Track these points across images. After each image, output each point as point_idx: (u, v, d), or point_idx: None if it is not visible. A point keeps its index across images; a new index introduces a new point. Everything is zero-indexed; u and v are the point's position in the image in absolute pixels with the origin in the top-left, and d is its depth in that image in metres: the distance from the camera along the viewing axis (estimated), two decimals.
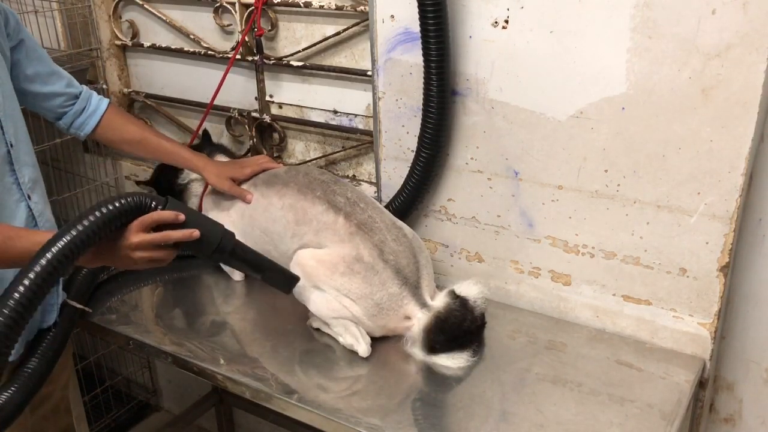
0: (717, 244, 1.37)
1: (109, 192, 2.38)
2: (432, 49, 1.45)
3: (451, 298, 1.43)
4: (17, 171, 1.38)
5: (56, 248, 1.10)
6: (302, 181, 1.57)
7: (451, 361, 1.40)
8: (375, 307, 1.42)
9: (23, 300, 1.06)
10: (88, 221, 1.14)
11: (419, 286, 1.45)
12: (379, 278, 1.42)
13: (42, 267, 1.08)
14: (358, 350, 1.43)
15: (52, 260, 1.09)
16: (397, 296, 1.42)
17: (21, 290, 1.06)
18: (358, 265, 1.43)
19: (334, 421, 1.28)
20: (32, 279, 1.07)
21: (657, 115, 1.34)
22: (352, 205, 1.50)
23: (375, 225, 1.48)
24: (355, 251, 1.44)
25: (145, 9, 2.13)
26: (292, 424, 2.15)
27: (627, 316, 1.52)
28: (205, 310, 1.70)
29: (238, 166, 1.71)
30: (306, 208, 1.52)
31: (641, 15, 1.30)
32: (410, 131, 1.64)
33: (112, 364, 2.76)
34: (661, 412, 1.29)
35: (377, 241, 1.45)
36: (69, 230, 1.12)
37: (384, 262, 1.43)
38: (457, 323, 1.40)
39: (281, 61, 1.89)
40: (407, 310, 1.43)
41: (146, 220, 1.21)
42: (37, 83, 1.50)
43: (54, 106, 1.57)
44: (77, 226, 1.13)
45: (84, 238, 1.13)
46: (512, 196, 1.57)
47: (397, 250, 1.46)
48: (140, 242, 1.21)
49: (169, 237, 1.22)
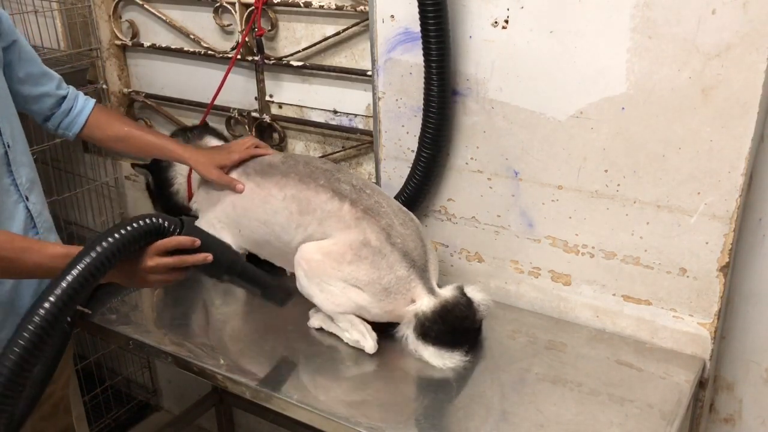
0: (717, 244, 1.37)
1: (109, 192, 2.38)
2: (432, 49, 1.45)
3: (460, 293, 1.42)
4: (14, 172, 1.38)
5: (77, 270, 1.13)
6: (303, 171, 1.55)
7: (439, 359, 1.39)
8: (383, 292, 1.41)
9: (44, 323, 1.09)
10: (108, 243, 1.16)
11: (427, 269, 1.44)
12: (387, 261, 1.40)
13: (63, 289, 1.12)
14: (365, 346, 1.43)
15: (73, 283, 1.13)
16: (405, 279, 1.41)
17: (42, 313, 1.10)
18: (366, 250, 1.41)
19: (334, 421, 1.28)
20: (53, 301, 1.10)
21: (657, 115, 1.34)
22: (357, 191, 1.48)
23: (382, 209, 1.46)
24: (362, 236, 1.42)
25: (145, 9, 2.13)
26: (292, 424, 2.15)
27: (627, 316, 1.52)
28: (205, 310, 1.70)
29: (225, 152, 1.66)
30: (309, 197, 1.50)
31: (641, 15, 1.30)
32: (410, 131, 1.64)
33: (112, 364, 2.76)
34: (661, 412, 1.29)
35: (384, 224, 1.43)
36: (88, 252, 1.15)
37: (392, 245, 1.42)
38: (461, 317, 1.39)
39: (281, 61, 1.89)
40: (414, 293, 1.41)
41: (166, 244, 1.25)
42: (28, 85, 1.49)
43: (44, 108, 1.56)
44: (96, 248, 1.15)
45: (104, 260, 1.16)
46: (512, 196, 1.57)
47: (404, 233, 1.44)
48: (157, 265, 1.25)
49: (185, 261, 1.27)
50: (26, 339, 1.08)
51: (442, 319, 1.38)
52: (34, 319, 1.09)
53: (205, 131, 1.84)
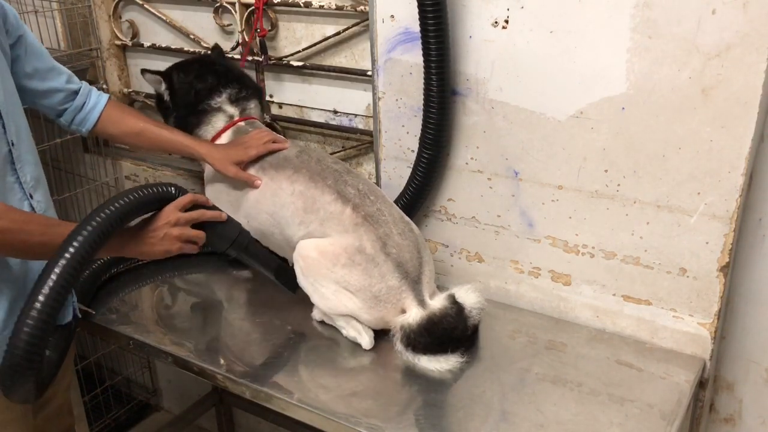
0: (717, 244, 1.37)
1: (110, 192, 2.38)
2: (432, 49, 1.45)
3: (450, 302, 1.42)
4: (19, 170, 1.37)
5: (95, 223, 1.21)
6: (315, 168, 1.55)
7: (434, 364, 1.39)
8: (373, 299, 1.43)
9: (66, 271, 1.17)
10: (124, 202, 1.25)
11: (420, 281, 1.45)
12: (379, 270, 1.42)
13: (85, 237, 1.19)
14: (361, 343, 1.44)
15: (94, 233, 1.20)
16: (396, 289, 1.42)
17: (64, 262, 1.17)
18: (360, 257, 1.43)
19: (334, 421, 1.28)
20: (73, 252, 1.18)
21: (657, 115, 1.34)
22: (362, 197, 1.49)
23: (382, 218, 1.47)
24: (358, 242, 1.43)
25: (145, 9, 2.13)
26: (292, 424, 2.15)
27: (627, 316, 1.52)
28: (206, 310, 1.70)
29: (242, 147, 1.63)
30: (315, 196, 1.51)
31: (641, 15, 1.30)
32: (410, 131, 1.64)
33: (112, 364, 2.76)
34: (661, 412, 1.29)
35: (381, 233, 1.45)
36: (104, 209, 1.23)
37: (386, 254, 1.43)
38: (448, 330, 1.39)
39: (281, 61, 1.89)
40: (404, 303, 1.43)
41: (184, 200, 1.35)
42: (36, 79, 1.49)
43: (54, 103, 1.55)
44: (112, 206, 1.23)
45: (120, 215, 1.24)
46: (512, 196, 1.57)
47: (401, 244, 1.45)
48: (178, 219, 1.34)
49: (204, 214, 1.37)
50: (51, 286, 1.15)
51: (428, 332, 1.39)
52: (56, 268, 1.15)
53: (256, 95, 1.80)
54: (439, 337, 1.39)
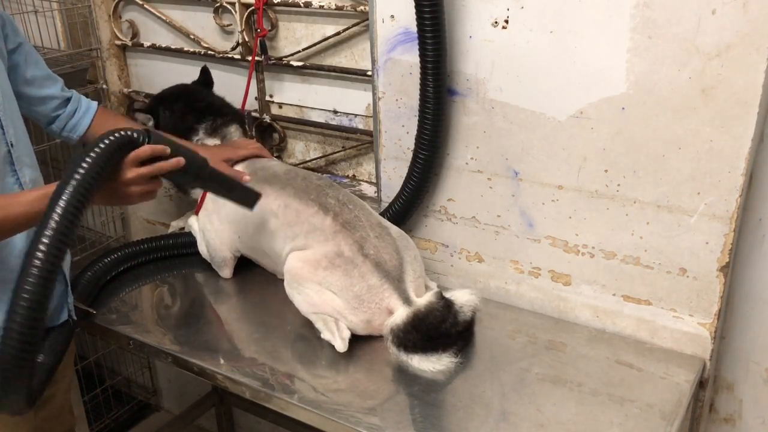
0: (717, 244, 1.37)
1: None
2: (428, 49, 1.45)
3: (437, 298, 1.42)
4: (18, 171, 1.38)
5: (67, 196, 1.15)
6: (300, 185, 1.60)
7: (427, 364, 1.39)
8: (355, 299, 1.44)
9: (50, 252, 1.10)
10: (87, 164, 1.17)
11: (403, 281, 1.46)
12: (359, 270, 1.44)
13: (60, 215, 1.13)
14: (335, 345, 1.44)
15: (69, 205, 1.14)
16: (377, 288, 1.43)
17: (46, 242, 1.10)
18: (339, 260, 1.46)
19: (334, 421, 1.28)
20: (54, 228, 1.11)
21: (657, 115, 1.34)
22: (341, 205, 1.54)
23: (359, 223, 1.51)
24: (337, 247, 1.47)
25: (145, 9, 2.13)
26: (292, 424, 2.15)
27: (627, 316, 1.52)
28: (206, 310, 1.70)
29: (231, 148, 1.73)
30: (300, 210, 1.55)
31: (641, 15, 1.30)
32: (410, 131, 1.64)
33: (112, 364, 2.76)
34: (661, 412, 1.29)
35: (358, 237, 1.48)
36: (70, 180, 1.16)
37: (364, 256, 1.46)
38: (435, 324, 1.39)
39: (281, 61, 1.89)
40: (390, 303, 1.43)
41: (139, 154, 1.25)
42: (34, 87, 1.51)
43: (48, 110, 1.57)
44: (77, 174, 1.16)
45: (90, 180, 1.17)
46: (512, 196, 1.57)
47: (378, 245, 1.48)
48: (136, 176, 1.25)
49: (161, 168, 1.28)
50: (38, 266, 1.09)
51: (415, 328, 1.39)
52: (39, 249, 1.09)
53: (235, 120, 1.84)
54: (427, 332, 1.39)
